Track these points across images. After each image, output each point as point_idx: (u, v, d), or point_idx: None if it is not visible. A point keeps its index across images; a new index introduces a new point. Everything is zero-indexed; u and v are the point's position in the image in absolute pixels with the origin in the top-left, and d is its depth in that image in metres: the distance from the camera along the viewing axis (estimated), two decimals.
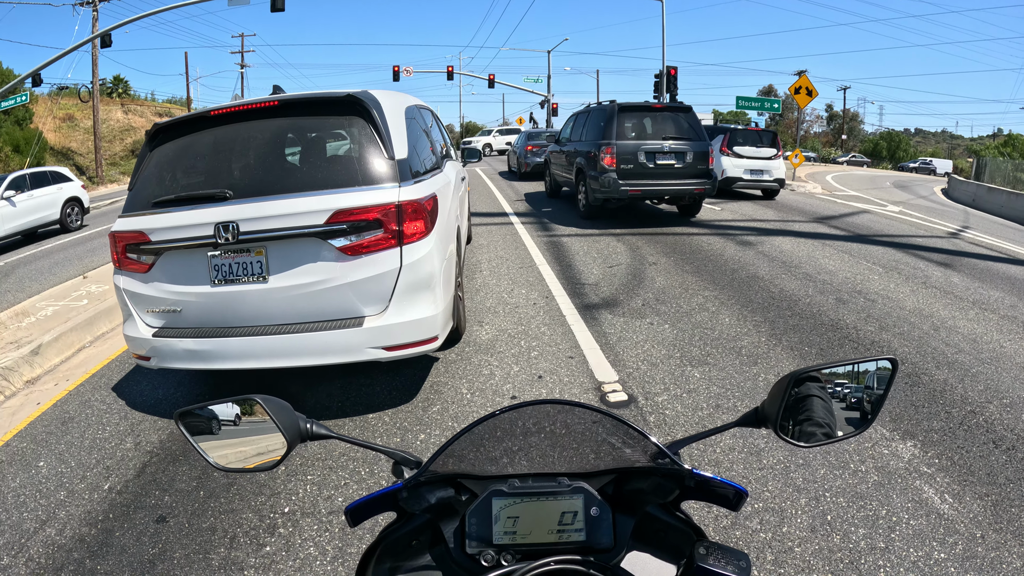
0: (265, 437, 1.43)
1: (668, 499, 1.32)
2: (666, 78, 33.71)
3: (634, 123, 13.41)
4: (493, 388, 5.42)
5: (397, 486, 1.32)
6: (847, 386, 1.44)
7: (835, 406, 1.42)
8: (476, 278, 9.06)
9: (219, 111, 5.00)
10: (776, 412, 1.38)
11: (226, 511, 3.87)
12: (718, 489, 1.31)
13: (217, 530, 3.70)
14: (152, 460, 4.51)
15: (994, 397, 5.32)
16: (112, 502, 4.03)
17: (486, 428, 1.34)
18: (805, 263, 10.10)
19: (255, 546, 3.55)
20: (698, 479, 1.29)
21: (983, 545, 3.50)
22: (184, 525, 3.75)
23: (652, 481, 1.33)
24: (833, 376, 1.44)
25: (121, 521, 3.82)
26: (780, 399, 1.37)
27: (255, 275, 4.61)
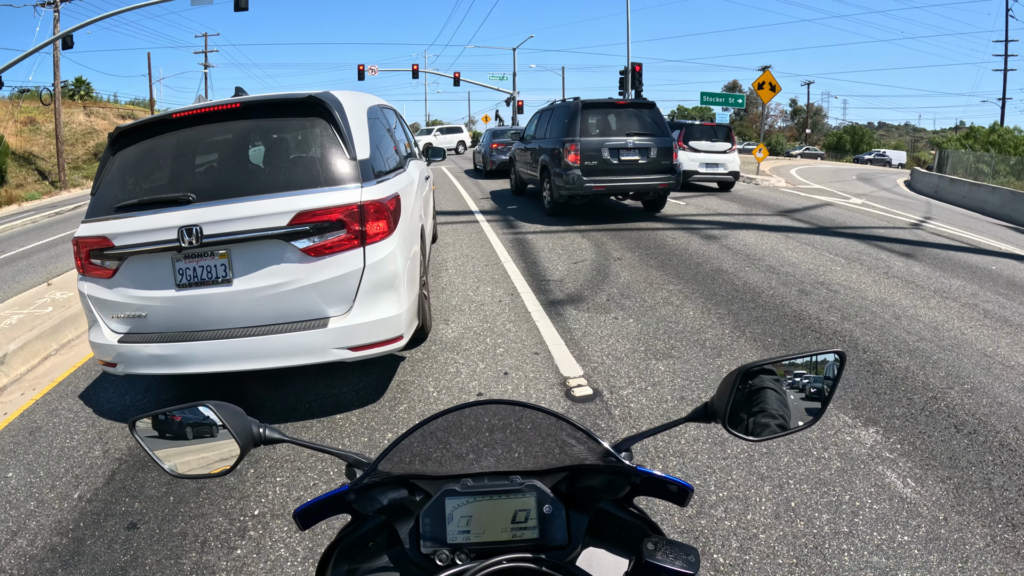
0: (219, 443, 1.43)
1: (619, 496, 1.33)
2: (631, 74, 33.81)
3: (598, 120, 13.41)
4: (459, 386, 5.40)
5: (344, 488, 1.32)
6: (797, 380, 1.44)
7: (789, 398, 1.42)
8: (442, 276, 9.02)
9: (181, 114, 4.95)
10: (725, 406, 1.38)
11: (196, 516, 3.82)
12: (664, 486, 1.31)
13: (188, 535, 3.65)
14: (121, 467, 4.44)
15: (955, 383, 5.38)
16: (82, 511, 3.96)
17: (435, 428, 1.34)
18: (769, 256, 10.17)
19: (226, 549, 3.51)
20: (644, 476, 1.30)
21: (946, 527, 3.54)
22: (155, 531, 3.70)
23: (602, 478, 1.32)
24: (782, 370, 1.44)
25: (92, 529, 3.76)
26: (728, 394, 1.37)
27: (219, 278, 4.57)
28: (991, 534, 3.49)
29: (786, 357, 1.44)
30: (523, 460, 1.33)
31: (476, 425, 1.35)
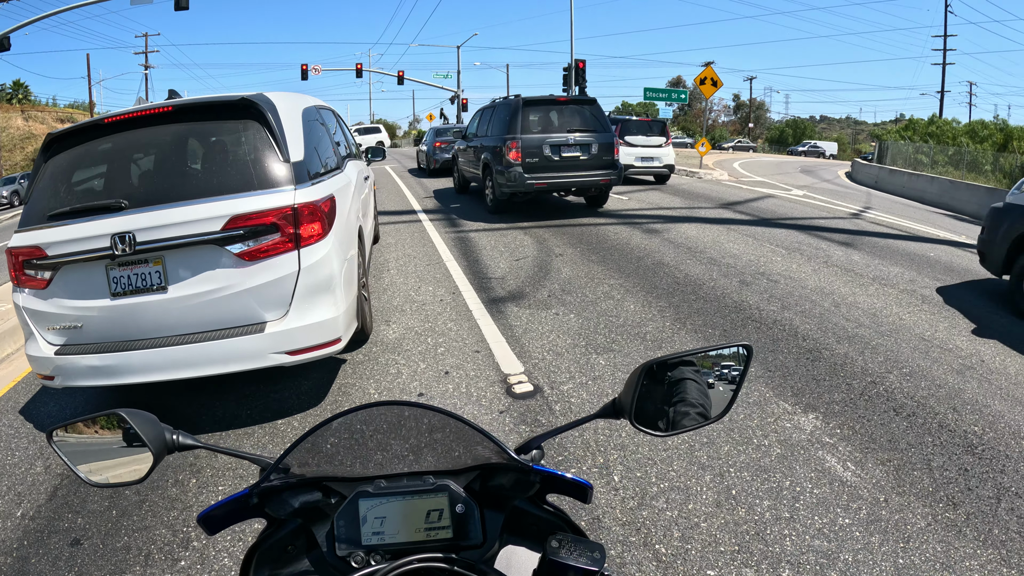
0: (132, 450, 1.41)
1: (530, 493, 1.32)
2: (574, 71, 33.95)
3: (539, 117, 13.36)
4: (400, 387, 5.31)
5: (244, 492, 1.29)
6: (705, 373, 1.44)
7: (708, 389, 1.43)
8: (383, 277, 8.91)
9: (113, 118, 4.84)
10: (630, 402, 1.37)
11: (139, 528, 3.72)
12: (565, 483, 1.31)
13: (132, 548, 3.55)
14: (63, 483, 4.29)
15: (894, 367, 5.42)
16: (26, 528, 3.83)
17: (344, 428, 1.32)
18: (710, 248, 10.22)
19: (170, 562, 3.42)
20: (542, 475, 1.29)
21: (887, 508, 3.55)
22: (99, 546, 3.59)
23: (511, 477, 1.32)
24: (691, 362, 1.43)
25: (36, 547, 3.64)
26: (633, 390, 1.37)
27: (154, 285, 4.47)
28: (932, 514, 3.51)
29: (694, 351, 1.43)
30: (436, 460, 1.32)
31: (388, 426, 1.33)
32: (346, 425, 1.31)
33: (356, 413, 1.31)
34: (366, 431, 1.32)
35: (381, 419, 1.33)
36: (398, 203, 16.99)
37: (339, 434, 1.31)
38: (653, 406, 1.39)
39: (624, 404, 1.38)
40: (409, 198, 18.05)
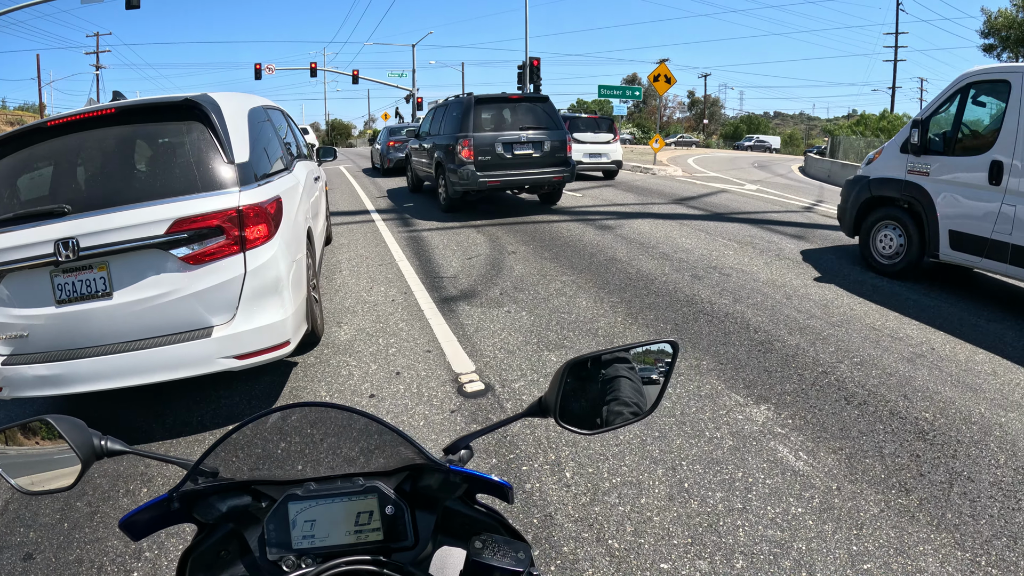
0: (62, 457, 1.39)
1: (457, 494, 1.31)
2: (529, 69, 33.90)
3: (492, 115, 13.36)
4: (352, 388, 5.24)
5: (164, 496, 1.26)
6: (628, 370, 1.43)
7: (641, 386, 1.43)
8: (335, 278, 8.80)
9: (56, 121, 4.75)
10: (555, 401, 1.36)
11: (91, 540, 3.62)
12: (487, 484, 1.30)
13: (84, 561, 3.46)
14: (14, 496, 4.15)
15: (845, 357, 5.44)
16: None
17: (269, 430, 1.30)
18: (663, 243, 10.24)
19: (123, 573, 3.34)
20: (462, 475, 1.28)
21: (839, 496, 3.55)
22: (51, 560, 3.50)
23: (438, 478, 1.30)
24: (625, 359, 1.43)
25: None
26: (557, 388, 1.36)
27: (99, 292, 4.37)
28: (885, 500, 3.51)
29: (619, 348, 1.43)
30: (365, 462, 1.30)
31: (316, 428, 1.32)
32: (276, 427, 1.29)
33: (275, 414, 1.28)
34: (294, 433, 1.30)
35: (308, 421, 1.31)
36: (351, 203, 16.85)
37: (267, 436, 1.29)
38: (583, 404, 1.38)
39: (549, 403, 1.37)
40: (363, 198, 17.92)
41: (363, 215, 14.61)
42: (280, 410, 1.28)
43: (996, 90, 7.52)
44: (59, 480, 1.38)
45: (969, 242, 7.48)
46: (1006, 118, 7.18)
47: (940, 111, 8.09)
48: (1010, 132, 7.08)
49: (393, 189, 19.76)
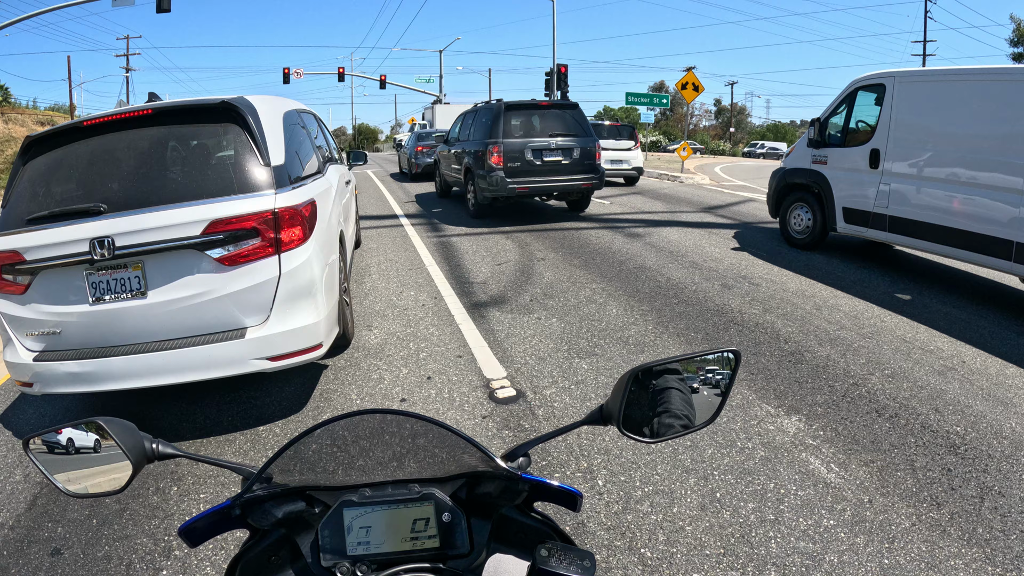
0: (111, 459, 1.38)
1: (517, 501, 1.31)
2: (556, 75, 33.93)
3: (521, 121, 13.41)
4: (383, 392, 5.28)
5: (226, 503, 1.26)
6: (692, 379, 1.42)
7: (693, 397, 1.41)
8: (365, 282, 8.87)
9: (92, 121, 4.80)
10: (618, 409, 1.35)
11: (120, 538, 3.66)
12: (554, 492, 1.29)
13: (113, 558, 3.49)
14: (42, 491, 4.21)
15: (876, 369, 5.43)
16: (4, 538, 3.75)
17: (328, 437, 1.30)
18: (692, 252, 10.24)
19: (151, 571, 3.37)
20: (531, 483, 1.27)
21: (871, 509, 3.55)
22: (79, 556, 3.54)
23: (498, 485, 1.30)
24: (676, 370, 1.41)
25: (16, 557, 3.57)
26: (621, 396, 1.35)
27: (134, 291, 4.42)
28: (916, 514, 3.51)
29: (680, 357, 1.41)
30: (421, 468, 1.30)
31: (372, 434, 1.31)
32: (329, 433, 1.29)
33: (340, 421, 1.29)
34: (350, 439, 1.30)
35: (365, 427, 1.31)
36: (380, 208, 16.94)
37: (322, 442, 1.29)
38: (639, 412, 1.37)
39: (612, 411, 1.36)
40: (391, 203, 18.01)
41: (392, 219, 14.68)
42: (346, 417, 1.29)
43: (876, 92, 9.38)
44: (108, 483, 1.38)
45: (857, 216, 9.58)
46: (882, 114, 9.18)
47: (837, 111, 10.15)
48: (885, 125, 9.09)
49: (421, 194, 19.84)
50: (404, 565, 1.18)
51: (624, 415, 1.35)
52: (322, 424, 1.28)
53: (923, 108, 8.68)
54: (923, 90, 8.71)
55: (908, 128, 8.82)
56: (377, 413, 1.30)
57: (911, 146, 8.76)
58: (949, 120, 8.29)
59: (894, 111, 8.95)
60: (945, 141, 8.31)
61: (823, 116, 10.32)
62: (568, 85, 33.83)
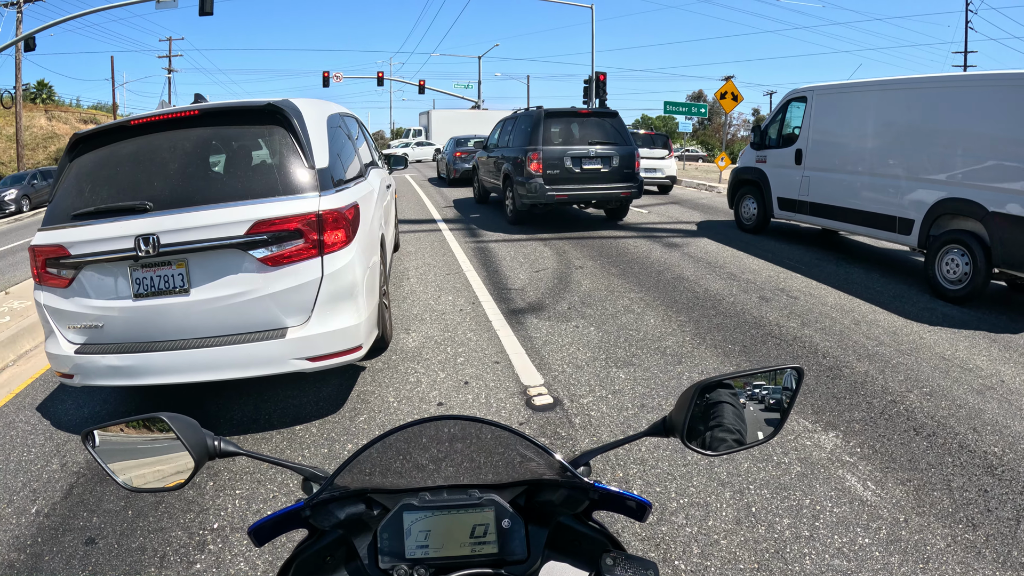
0: (173, 456, 1.39)
1: (578, 510, 1.31)
2: (595, 83, 33.84)
3: (560, 129, 13.43)
4: (420, 395, 5.34)
5: (299, 505, 1.29)
6: (757, 395, 1.43)
7: (747, 412, 1.42)
8: (403, 285, 8.96)
9: (139, 120, 4.89)
10: (683, 422, 1.36)
11: (155, 530, 3.74)
12: (622, 501, 1.30)
13: (147, 549, 3.57)
14: (79, 481, 4.32)
15: (914, 386, 5.41)
16: (40, 525, 3.85)
17: (393, 441, 1.31)
18: (730, 263, 10.22)
19: (185, 564, 3.44)
20: (601, 492, 1.28)
21: (906, 529, 3.54)
22: (113, 546, 3.61)
23: (561, 493, 1.31)
24: (741, 383, 1.43)
25: (50, 544, 3.66)
26: (686, 409, 1.36)
27: (176, 288, 4.50)
28: (952, 534, 3.50)
29: (744, 372, 1.42)
30: (481, 474, 1.31)
31: (434, 439, 1.33)
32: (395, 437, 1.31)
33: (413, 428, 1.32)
34: (411, 443, 1.32)
35: (426, 431, 1.33)
36: (418, 212, 17.05)
37: (384, 446, 1.31)
38: (698, 426, 1.38)
39: (676, 423, 1.38)
40: (429, 207, 18.12)
41: (430, 224, 14.78)
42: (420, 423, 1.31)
43: (802, 103, 11.79)
44: (169, 479, 1.39)
45: (788, 203, 12.13)
46: (803, 121, 11.68)
47: (774, 120, 12.59)
48: (806, 129, 11.60)
49: (459, 199, 19.94)
50: (463, 571, 1.18)
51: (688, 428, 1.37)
52: (397, 429, 1.30)
53: (833, 115, 11.10)
54: (833, 100, 11.13)
55: (822, 131, 11.31)
56: (450, 419, 1.33)
57: (824, 146, 11.26)
58: (850, 124, 10.72)
59: (812, 118, 11.48)
60: (848, 140, 10.75)
61: (764, 124, 13.00)
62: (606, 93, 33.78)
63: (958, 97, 8.80)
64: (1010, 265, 7.91)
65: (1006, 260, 7.89)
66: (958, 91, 8.84)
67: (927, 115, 9.22)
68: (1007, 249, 7.82)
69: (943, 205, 8.73)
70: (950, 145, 8.74)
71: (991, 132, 8.24)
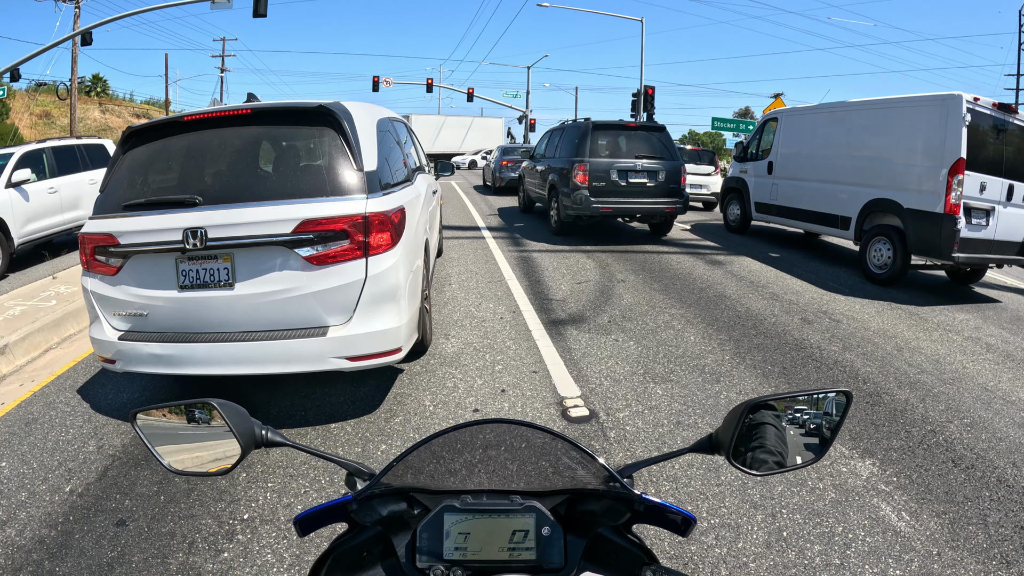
0: (220, 442, 1.42)
1: (619, 521, 1.32)
2: (643, 97, 33.80)
3: (608, 141, 13.45)
4: (456, 401, 5.38)
5: (347, 498, 1.30)
6: (802, 417, 1.43)
7: (789, 436, 1.41)
8: (445, 291, 9.02)
9: (193, 116, 5.00)
10: (730, 440, 1.37)
11: (185, 516, 3.81)
12: (668, 515, 1.30)
13: (176, 535, 3.64)
14: (114, 464, 4.43)
15: (955, 417, 5.34)
16: (73, 504, 3.95)
17: (441, 443, 1.33)
18: (772, 283, 10.15)
19: (213, 552, 3.50)
20: (648, 504, 1.28)
21: (939, 563, 3.50)
22: (143, 529, 3.69)
23: (604, 503, 1.31)
24: (783, 405, 1.43)
25: (81, 524, 3.75)
26: (734, 427, 1.36)
27: (222, 282, 4.59)
28: (985, 571, 3.45)
29: (792, 393, 1.42)
30: (524, 480, 1.32)
31: (479, 442, 1.34)
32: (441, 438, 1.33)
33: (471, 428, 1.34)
34: (457, 445, 1.34)
35: (471, 435, 1.34)
36: (462, 218, 17.14)
37: (431, 447, 1.33)
38: (741, 447, 1.39)
39: (723, 441, 1.39)
40: (473, 214, 18.21)
41: (474, 231, 14.86)
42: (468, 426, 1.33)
43: (776, 122, 14.11)
44: (214, 464, 1.42)
45: (762, 207, 14.40)
46: (775, 138, 13.98)
47: (755, 136, 15.09)
48: (776, 145, 13.92)
49: (504, 208, 20.02)
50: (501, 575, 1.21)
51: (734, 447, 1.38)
52: (448, 431, 1.33)
53: (795, 133, 13.43)
54: (796, 121, 13.48)
55: (787, 146, 13.62)
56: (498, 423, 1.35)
57: (789, 158, 13.55)
58: (807, 140, 13.02)
59: (781, 135, 13.83)
60: (805, 154, 12.99)
61: (746, 141, 15.67)
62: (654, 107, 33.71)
63: (880, 117, 11.13)
64: (921, 251, 9.99)
65: (918, 247, 9.96)
66: (879, 112, 11.17)
67: (859, 132, 11.52)
68: (919, 237, 9.89)
69: (872, 204, 10.95)
70: (876, 156, 11.06)
71: (904, 144, 10.45)
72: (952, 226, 9.45)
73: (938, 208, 9.63)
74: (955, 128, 9.50)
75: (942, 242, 9.54)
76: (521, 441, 1.34)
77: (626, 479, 1.35)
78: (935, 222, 9.64)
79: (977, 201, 9.79)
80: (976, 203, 9.78)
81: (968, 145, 9.44)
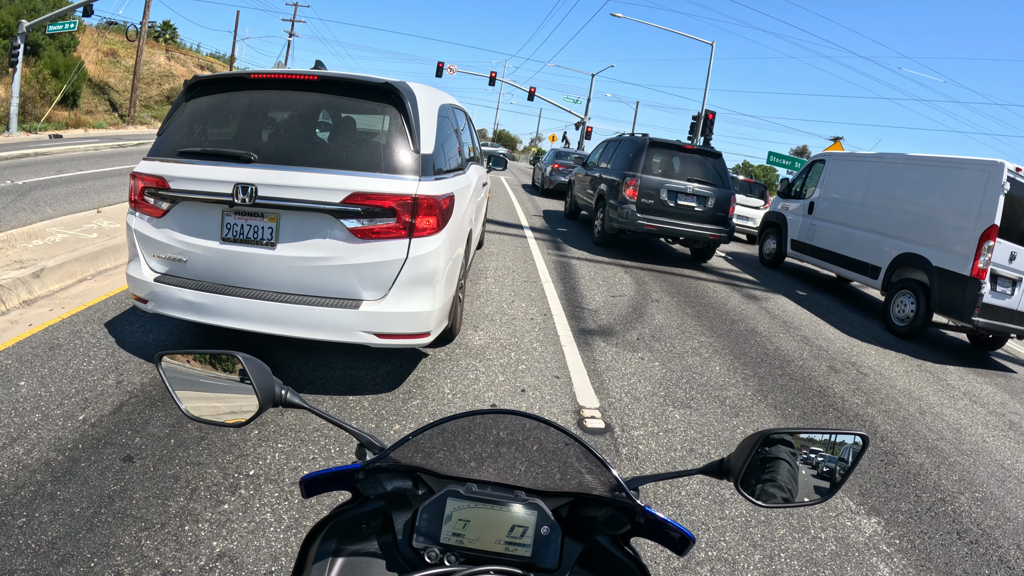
0: (239, 396, 1.45)
1: (618, 532, 1.33)
2: (703, 121, 33.63)
3: (662, 160, 13.45)
4: (475, 393, 5.43)
5: (355, 466, 1.32)
6: (816, 454, 1.42)
7: (800, 473, 1.40)
8: (480, 284, 9.08)
9: (259, 75, 5.08)
10: (740, 467, 1.36)
11: (192, 463, 3.89)
12: (667, 531, 1.30)
13: (180, 479, 3.71)
14: (130, 400, 4.52)
15: (967, 489, 5.32)
16: (84, 433, 4.04)
17: (456, 427, 1.35)
18: (805, 326, 10.10)
19: (214, 502, 3.57)
20: (649, 517, 1.29)
21: None
22: (149, 468, 3.77)
23: (606, 512, 1.32)
24: (803, 442, 1.42)
25: (89, 453, 3.84)
26: (746, 455, 1.36)
27: (264, 240, 4.66)
28: None
29: (809, 430, 1.41)
30: (531, 478, 1.33)
31: (492, 436, 1.36)
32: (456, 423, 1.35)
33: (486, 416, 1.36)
34: (470, 432, 1.36)
35: (487, 423, 1.36)
36: (507, 215, 17.20)
37: (445, 429, 1.35)
38: (751, 477, 1.38)
39: (734, 467, 1.38)
40: (519, 212, 18.26)
41: (516, 229, 14.90)
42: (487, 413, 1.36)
43: (822, 164, 14.36)
44: (231, 416, 1.46)
45: (798, 245, 14.59)
46: (820, 179, 14.25)
47: (801, 175, 15.24)
48: (820, 186, 14.16)
49: (549, 211, 20.06)
50: (493, 566, 1.21)
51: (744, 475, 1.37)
52: (466, 414, 1.35)
53: (840, 177, 13.63)
54: (842, 165, 13.71)
55: (831, 189, 13.80)
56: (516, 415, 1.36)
57: (830, 201, 13.72)
58: (850, 186, 13.23)
59: (826, 178, 14.05)
60: (846, 199, 13.23)
61: (792, 179, 15.82)
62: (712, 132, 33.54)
63: (916, 173, 11.50)
64: (943, 310, 10.17)
65: (941, 305, 10.17)
66: (917, 168, 11.53)
67: (897, 185, 11.87)
68: (943, 296, 10.13)
69: (903, 258, 11.17)
70: (912, 211, 11.30)
71: (941, 203, 10.73)
72: (976, 290, 9.67)
73: (965, 270, 9.85)
74: (993, 194, 9.70)
75: (964, 304, 9.77)
76: (534, 439, 1.36)
77: (632, 491, 1.35)
78: (960, 283, 9.88)
79: (1005, 269, 9.99)
80: (1004, 271, 9.98)
81: (1004, 213, 9.62)
